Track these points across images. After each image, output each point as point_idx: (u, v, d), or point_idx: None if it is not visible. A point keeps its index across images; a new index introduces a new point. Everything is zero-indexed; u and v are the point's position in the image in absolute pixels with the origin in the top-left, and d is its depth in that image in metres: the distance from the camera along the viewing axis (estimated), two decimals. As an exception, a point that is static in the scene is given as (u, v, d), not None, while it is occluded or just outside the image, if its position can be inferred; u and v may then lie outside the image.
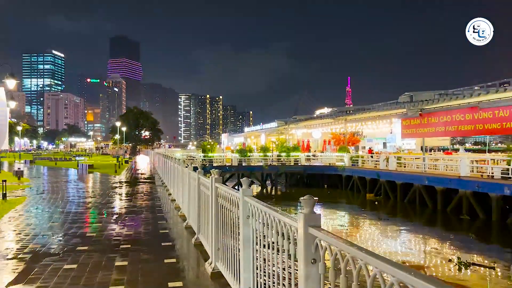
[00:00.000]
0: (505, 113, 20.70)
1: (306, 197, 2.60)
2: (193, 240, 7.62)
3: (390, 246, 17.09)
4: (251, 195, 4.09)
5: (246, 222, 4.09)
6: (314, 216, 2.57)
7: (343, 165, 34.17)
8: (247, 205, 4.06)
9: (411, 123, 28.15)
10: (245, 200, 4.08)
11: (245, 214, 4.10)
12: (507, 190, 19.23)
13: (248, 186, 4.17)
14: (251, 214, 3.95)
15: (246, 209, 4.09)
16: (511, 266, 13.66)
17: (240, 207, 4.19)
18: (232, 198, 4.62)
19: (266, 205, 3.49)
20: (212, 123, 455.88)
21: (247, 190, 4.12)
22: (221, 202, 5.29)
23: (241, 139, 78.18)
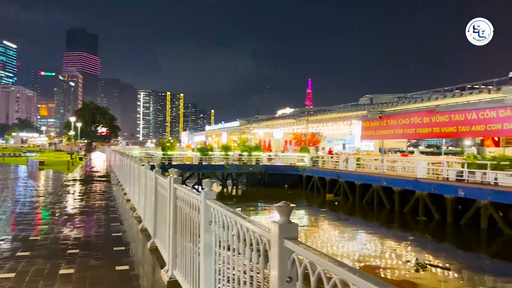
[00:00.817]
0: (461, 117, 21.33)
1: (281, 203, 2.21)
2: (149, 244, 7.08)
3: (349, 247, 17.12)
4: (214, 198, 3.67)
5: (208, 229, 3.66)
6: (290, 226, 2.19)
7: (304, 166, 34.27)
8: (210, 209, 3.63)
9: (371, 125, 28.58)
10: (207, 203, 3.65)
11: (207, 220, 3.67)
12: (461, 192, 19.78)
13: (211, 189, 3.75)
14: (214, 219, 3.52)
15: (208, 214, 3.66)
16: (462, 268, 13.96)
17: (202, 211, 3.75)
18: (193, 201, 4.18)
19: (232, 210, 3.08)
20: (172, 121, 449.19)
21: (210, 193, 3.69)
22: (180, 204, 4.82)
23: (202, 138, 77.25)
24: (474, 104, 20.86)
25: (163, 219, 6.16)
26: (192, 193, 4.23)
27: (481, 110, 20.14)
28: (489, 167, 19.01)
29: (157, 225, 6.79)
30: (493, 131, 20.15)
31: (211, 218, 3.61)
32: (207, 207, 3.66)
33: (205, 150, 39.14)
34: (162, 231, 6.20)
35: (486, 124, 19.89)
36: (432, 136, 26.27)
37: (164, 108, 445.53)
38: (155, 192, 6.90)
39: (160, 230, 6.45)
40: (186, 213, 4.56)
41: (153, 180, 7.00)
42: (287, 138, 50.18)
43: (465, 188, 19.64)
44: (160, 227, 6.50)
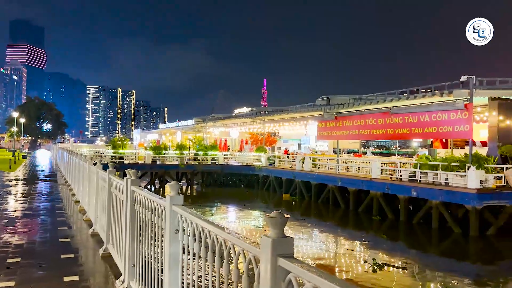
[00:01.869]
0: (414, 119, 21.95)
1: (273, 214, 1.84)
2: (101, 251, 6.48)
3: (305, 247, 17.05)
4: (181, 203, 3.24)
5: (174, 238, 3.23)
6: (286, 241, 1.83)
7: (261, 165, 34.13)
8: (177, 216, 3.19)
9: (327, 126, 28.88)
10: (173, 210, 3.21)
11: (173, 228, 3.23)
12: (414, 192, 20.31)
13: (178, 193, 3.31)
14: (181, 228, 3.09)
15: (174, 222, 3.22)
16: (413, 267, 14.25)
17: (167, 218, 3.30)
18: (156, 207, 3.71)
19: (205, 218, 2.67)
20: (123, 118, 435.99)
21: (177, 198, 3.25)
22: (139, 209, 4.33)
23: (155, 136, 75.31)
24: (426, 107, 21.52)
25: (118, 224, 5.61)
26: (154, 198, 3.77)
27: (433, 113, 20.82)
28: (440, 168, 19.64)
29: (111, 230, 6.22)
30: (444, 133, 20.88)
31: (178, 226, 3.18)
32: (173, 214, 3.22)
33: (158, 149, 38.00)
34: (117, 237, 5.66)
35: (438, 126, 20.58)
36: (387, 137, 26.95)
37: (114, 105, 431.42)
38: (109, 194, 6.32)
39: (114, 236, 5.89)
40: (146, 218, 4.09)
41: (107, 181, 6.41)
42: (243, 138, 49.91)
43: (418, 188, 20.19)
44: (114, 233, 5.94)
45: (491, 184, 18.29)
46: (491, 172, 18.59)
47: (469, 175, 17.75)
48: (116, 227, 5.75)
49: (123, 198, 5.00)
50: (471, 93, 18.47)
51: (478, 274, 14.25)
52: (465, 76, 18.42)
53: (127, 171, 4.87)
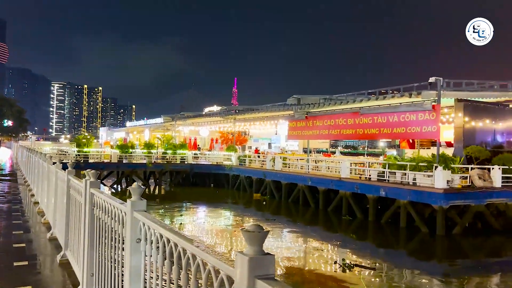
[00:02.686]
0: (383, 120, 22.17)
1: (251, 227, 1.55)
2: (59, 258, 6.00)
3: (275, 247, 16.86)
4: (144, 209, 2.89)
5: (135, 248, 2.88)
6: (265, 260, 1.54)
7: (231, 164, 33.78)
8: (138, 224, 2.84)
9: (297, 125, 28.86)
10: (135, 217, 2.87)
11: (134, 236, 2.88)
12: (383, 191, 20.51)
13: (140, 197, 2.96)
14: (143, 237, 2.75)
15: (136, 229, 2.87)
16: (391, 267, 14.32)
17: (127, 225, 2.95)
18: (116, 212, 3.35)
19: (170, 228, 2.34)
20: (89, 116, 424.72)
21: (139, 203, 2.90)
22: (99, 214, 3.94)
23: (122, 134, 73.58)
24: (395, 107, 21.80)
25: (76, 229, 5.18)
26: (114, 202, 3.40)
27: (402, 113, 21.08)
28: (408, 168, 19.89)
29: (70, 234, 5.76)
30: (412, 134, 21.19)
31: (140, 235, 2.83)
32: (134, 221, 2.88)
33: (125, 147, 36.93)
34: (76, 242, 5.22)
35: (406, 127, 20.85)
36: (356, 137, 27.15)
37: (80, 102, 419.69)
38: (68, 196, 5.86)
39: (73, 242, 5.45)
40: (106, 224, 3.71)
41: (65, 182, 5.95)
42: (213, 136, 49.39)
43: (387, 188, 20.39)
44: (73, 238, 5.49)
45: (457, 184, 18.67)
46: (457, 172, 18.98)
47: (436, 175, 18.04)
48: (75, 232, 5.32)
49: (82, 201, 4.59)
50: (438, 94, 18.80)
51: (445, 273, 14.45)
52: (433, 78, 18.74)
53: (86, 171, 4.47)
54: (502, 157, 20.14)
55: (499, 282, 13.74)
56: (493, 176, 19.19)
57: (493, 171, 19.27)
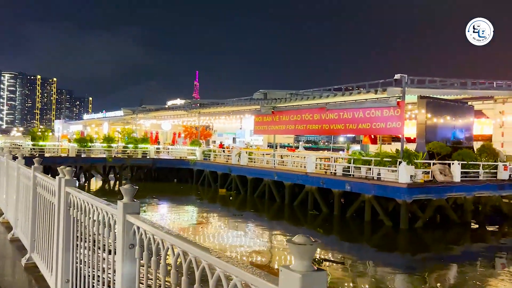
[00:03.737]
0: (349, 115, 22.45)
1: (299, 238, 1.33)
2: (24, 261, 5.51)
3: (242, 243, 16.72)
4: (138, 212, 2.60)
5: (129, 255, 2.58)
6: (316, 277, 1.32)
7: (195, 159, 33.27)
8: (132, 228, 2.55)
9: (264, 120, 28.77)
10: (128, 221, 2.57)
11: (127, 242, 2.59)
12: (348, 186, 20.79)
13: (132, 198, 2.66)
14: (138, 243, 2.47)
15: (129, 235, 2.58)
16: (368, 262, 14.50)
17: (119, 231, 2.65)
18: (103, 215, 3.02)
19: (180, 235, 2.08)
20: (43, 108, 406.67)
21: (132, 205, 2.61)
22: (79, 216, 3.59)
23: (79, 127, 70.97)
24: (361, 103, 22.13)
25: (46, 230, 4.75)
26: (100, 204, 3.06)
27: (367, 109, 21.42)
28: (373, 163, 20.26)
29: (37, 236, 5.30)
30: (377, 129, 21.60)
31: (134, 240, 2.55)
32: (127, 226, 2.58)
33: (84, 141, 35.52)
34: (45, 245, 4.79)
35: (372, 123, 21.22)
36: (322, 133, 27.41)
37: (33, 93, 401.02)
38: (34, 195, 5.39)
39: (42, 244, 5.00)
40: (88, 226, 3.38)
41: (31, 180, 5.47)
42: (176, 131, 48.52)
43: (352, 182, 20.68)
44: (41, 240, 5.05)
45: (419, 179, 19.19)
46: (419, 168, 19.51)
47: (400, 170, 18.46)
48: (44, 234, 4.88)
49: (55, 202, 4.20)
50: (403, 91, 19.22)
51: (409, 266, 14.82)
52: (398, 75, 19.14)
53: (60, 169, 4.08)
54: (461, 153, 20.91)
55: (458, 273, 14.25)
56: (453, 171, 19.88)
57: (453, 166, 19.96)
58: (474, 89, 22.52)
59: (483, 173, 21.06)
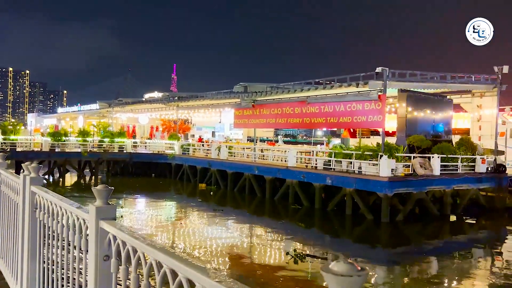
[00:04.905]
0: (330, 109, 22.27)
1: (340, 266, 0.98)
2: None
3: (223, 239, 16.37)
4: (113, 217, 2.19)
5: (104, 268, 2.17)
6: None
7: (174, 153, 32.63)
8: (107, 237, 2.14)
9: (244, 114, 28.35)
10: (102, 228, 2.15)
11: (101, 253, 2.17)
12: (329, 180, 20.66)
13: (107, 201, 2.24)
14: (114, 254, 2.07)
15: (104, 245, 2.17)
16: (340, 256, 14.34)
17: (92, 240, 2.23)
18: (72, 219, 2.59)
19: (161, 246, 1.69)
20: (15, 101, 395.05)
21: (106, 209, 2.19)
22: (44, 219, 3.14)
23: (53, 121, 68.98)
24: (342, 97, 21.98)
25: (11, 233, 4.28)
26: (68, 206, 2.63)
27: (348, 103, 21.27)
28: (354, 157, 20.15)
29: (1, 238, 4.80)
30: (358, 123, 21.48)
31: (109, 251, 2.15)
32: (101, 234, 2.17)
33: (58, 135, 34.39)
34: (10, 249, 4.31)
35: (353, 116, 21.08)
36: (303, 126, 27.17)
37: (5, 86, 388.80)
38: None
39: (6, 247, 4.51)
40: (56, 232, 2.95)
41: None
42: (154, 124, 47.60)
43: (333, 176, 20.56)
44: (5, 243, 4.55)
45: (400, 172, 19.20)
46: (400, 161, 19.51)
47: (381, 164, 18.40)
48: (8, 237, 4.40)
49: (19, 202, 3.73)
50: (384, 84, 19.12)
51: (390, 259, 14.79)
52: (380, 68, 19.03)
53: (25, 165, 3.61)
54: (440, 146, 21.03)
55: (439, 265, 14.33)
56: (433, 164, 19.97)
57: (433, 159, 20.05)
58: (453, 83, 22.64)
59: (462, 166, 21.26)
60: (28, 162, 3.70)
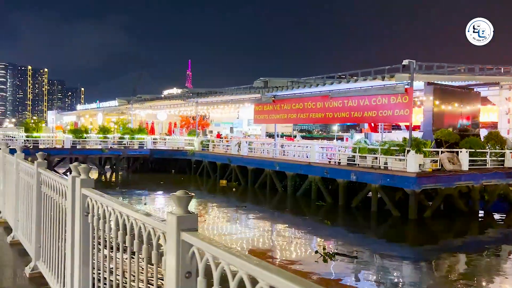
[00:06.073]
0: (354, 103, 21.81)
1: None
2: (28, 270, 4.86)
3: (250, 238, 16.18)
4: (195, 228, 1.95)
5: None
6: None
7: (193, 150, 32.58)
8: (190, 251, 1.90)
9: (264, 109, 28.04)
10: (185, 241, 1.91)
11: (182, 270, 1.93)
12: (353, 176, 20.27)
13: (187, 209, 2.01)
14: (202, 272, 1.82)
15: (185, 260, 1.93)
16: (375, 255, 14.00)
17: (171, 253, 1.99)
18: (148, 231, 2.36)
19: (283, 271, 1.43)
20: (34, 99, 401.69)
21: (189, 218, 1.96)
22: (101, 226, 2.93)
23: (72, 118, 69.83)
24: (366, 90, 21.47)
25: (56, 237, 4.11)
26: (142, 216, 2.39)
27: (373, 97, 20.79)
28: (380, 152, 19.71)
29: (44, 242, 4.65)
30: (384, 117, 20.96)
31: (190, 266, 1.91)
32: (183, 247, 1.93)
33: (79, 132, 34.70)
34: (54, 253, 4.14)
35: (378, 110, 20.59)
36: (325, 121, 26.78)
37: (24, 84, 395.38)
38: (38, 195, 4.73)
39: (50, 251, 4.35)
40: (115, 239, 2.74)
41: (34, 177, 4.81)
42: (171, 120, 47.65)
43: (357, 172, 20.16)
44: (49, 247, 4.39)
45: (428, 168, 18.70)
46: (428, 156, 19.01)
47: (409, 159, 17.93)
48: (52, 241, 4.23)
49: (67, 206, 3.54)
50: (411, 77, 18.59)
51: (418, 257, 14.42)
52: (407, 60, 18.50)
53: (73, 166, 3.43)
54: (468, 140, 20.42)
55: (468, 263, 13.97)
56: (461, 159, 19.41)
57: (461, 154, 19.48)
58: (481, 75, 21.94)
59: (490, 161, 20.63)
60: (75, 163, 3.51)
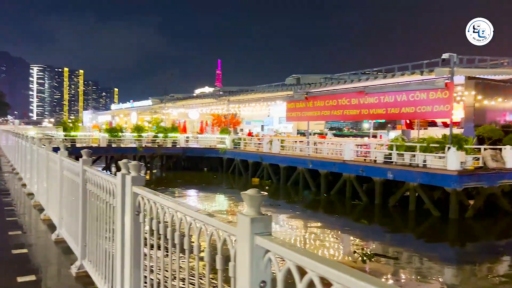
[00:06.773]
0: (390, 99, 21.17)
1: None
2: (75, 269, 4.82)
3: (284, 234, 15.94)
4: (269, 232, 1.77)
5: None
6: None
7: (225, 148, 32.64)
8: (265, 257, 1.72)
9: (297, 106, 27.67)
10: (260, 245, 1.73)
11: (256, 278, 1.75)
12: (390, 174, 19.69)
13: (259, 211, 1.83)
14: (282, 282, 1.64)
15: (260, 267, 1.75)
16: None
17: (244, 260, 1.81)
18: (213, 233, 2.20)
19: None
20: (70, 99, 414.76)
21: (262, 220, 1.77)
22: (155, 226, 2.79)
23: (107, 118, 71.50)
24: (404, 86, 20.79)
25: (103, 236, 4.03)
26: (209, 219, 2.24)
27: (411, 92, 20.10)
28: (418, 149, 19.05)
29: (89, 241, 4.60)
30: (422, 113, 20.22)
31: (265, 275, 1.72)
32: (256, 252, 1.75)
33: (114, 131, 35.41)
34: (101, 253, 4.07)
35: (416, 106, 19.89)
36: (361, 118, 26.23)
37: (61, 85, 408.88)
38: (83, 193, 4.69)
39: (97, 251, 4.28)
40: (171, 240, 2.60)
41: (80, 175, 4.77)
42: (203, 119, 47.97)
43: (394, 170, 19.57)
44: (96, 246, 4.33)
45: (469, 165, 17.94)
46: (469, 153, 18.23)
47: (450, 157, 17.23)
48: (99, 240, 4.16)
49: (116, 205, 3.43)
50: (452, 71, 17.83)
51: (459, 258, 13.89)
52: (447, 54, 17.76)
53: (123, 163, 3.32)
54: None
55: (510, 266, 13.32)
56: (505, 156, 18.52)
57: (505, 151, 18.60)
58: (527, 68, 20.87)
59: (536, 159, 19.56)
60: (124, 160, 3.40)
